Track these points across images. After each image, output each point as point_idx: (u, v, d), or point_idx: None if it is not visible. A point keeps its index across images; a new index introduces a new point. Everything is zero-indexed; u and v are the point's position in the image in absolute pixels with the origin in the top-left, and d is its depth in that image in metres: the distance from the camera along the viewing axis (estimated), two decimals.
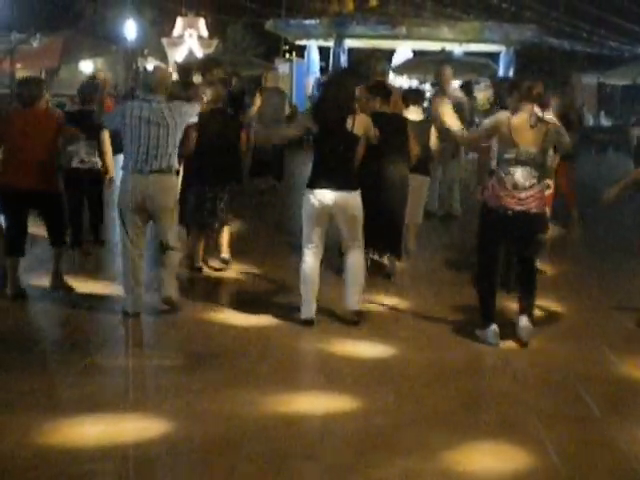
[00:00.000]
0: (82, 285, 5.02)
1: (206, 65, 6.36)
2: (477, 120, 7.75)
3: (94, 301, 4.73)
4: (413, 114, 5.68)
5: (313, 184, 4.28)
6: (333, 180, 4.21)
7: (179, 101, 4.57)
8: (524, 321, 4.13)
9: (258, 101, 6.84)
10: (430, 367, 3.87)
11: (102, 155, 5.72)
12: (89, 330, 4.30)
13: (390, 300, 4.95)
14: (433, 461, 2.91)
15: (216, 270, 5.52)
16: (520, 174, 3.98)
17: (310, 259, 4.34)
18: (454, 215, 7.89)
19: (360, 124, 4.27)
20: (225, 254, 5.58)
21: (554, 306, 4.88)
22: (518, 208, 3.98)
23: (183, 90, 5.62)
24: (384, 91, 5.28)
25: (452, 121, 4.34)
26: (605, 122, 18.94)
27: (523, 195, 3.98)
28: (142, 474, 2.76)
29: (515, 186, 3.98)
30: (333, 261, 5.20)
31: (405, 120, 5.32)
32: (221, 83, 5.66)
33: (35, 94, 4.68)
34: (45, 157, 4.66)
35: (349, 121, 4.22)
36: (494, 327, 4.11)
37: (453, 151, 7.61)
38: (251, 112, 6.69)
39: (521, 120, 4.01)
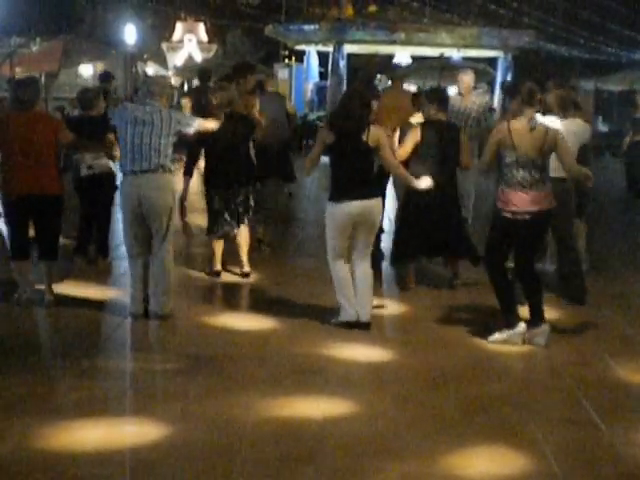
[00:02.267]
0: (82, 290, 5.02)
1: (240, 70, 6.25)
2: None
3: (94, 305, 4.73)
4: (418, 118, 5.53)
5: (337, 197, 4.28)
6: (356, 190, 4.24)
7: (176, 110, 4.61)
8: (542, 327, 4.18)
9: (257, 105, 6.84)
10: (429, 371, 3.87)
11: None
12: (89, 334, 4.29)
13: (387, 304, 4.94)
14: (432, 465, 2.91)
15: (239, 275, 5.43)
16: (522, 176, 4.06)
17: (340, 268, 4.37)
18: (466, 220, 7.72)
19: (374, 136, 4.26)
20: (246, 267, 5.45)
21: (552, 310, 4.87)
22: (521, 209, 4.06)
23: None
24: (441, 97, 5.23)
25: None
26: (602, 128, 18.98)
27: (526, 196, 4.05)
28: (140, 478, 2.75)
29: (520, 185, 4.06)
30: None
31: (458, 129, 5.31)
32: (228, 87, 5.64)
33: (32, 96, 4.56)
34: (44, 160, 4.54)
35: (364, 133, 4.23)
36: (523, 326, 4.16)
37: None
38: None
39: (521, 124, 4.07)
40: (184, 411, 3.29)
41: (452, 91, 8.86)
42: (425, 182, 4.51)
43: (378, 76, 17.41)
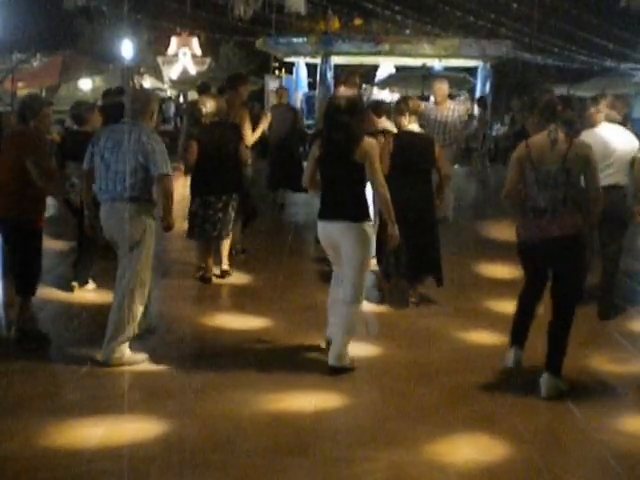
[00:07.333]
0: (84, 292, 5.01)
1: (230, 82, 6.14)
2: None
3: (95, 307, 4.72)
4: (390, 126, 5.29)
5: (319, 214, 3.77)
6: (334, 210, 3.67)
7: (159, 142, 3.73)
8: (547, 376, 3.50)
9: (269, 116, 6.78)
10: (413, 365, 3.89)
11: None
12: (90, 335, 4.28)
13: (374, 303, 4.97)
14: (417, 453, 2.94)
15: (217, 277, 5.43)
16: (542, 197, 3.48)
17: (334, 282, 3.91)
18: (447, 219, 7.51)
19: (362, 149, 3.62)
20: (225, 265, 5.44)
21: None
22: (542, 236, 3.49)
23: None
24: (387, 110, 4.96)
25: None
26: None
27: (545, 221, 3.48)
28: (141, 473, 2.76)
29: (535, 211, 3.50)
30: None
31: (432, 140, 4.87)
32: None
33: (22, 113, 3.97)
34: (12, 180, 3.89)
35: (355, 146, 3.61)
36: (516, 351, 3.77)
37: (453, 160, 7.50)
38: (262, 127, 6.45)
39: (540, 139, 3.54)
40: (182, 407, 3.30)
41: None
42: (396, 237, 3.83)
43: (364, 86, 17.46)
